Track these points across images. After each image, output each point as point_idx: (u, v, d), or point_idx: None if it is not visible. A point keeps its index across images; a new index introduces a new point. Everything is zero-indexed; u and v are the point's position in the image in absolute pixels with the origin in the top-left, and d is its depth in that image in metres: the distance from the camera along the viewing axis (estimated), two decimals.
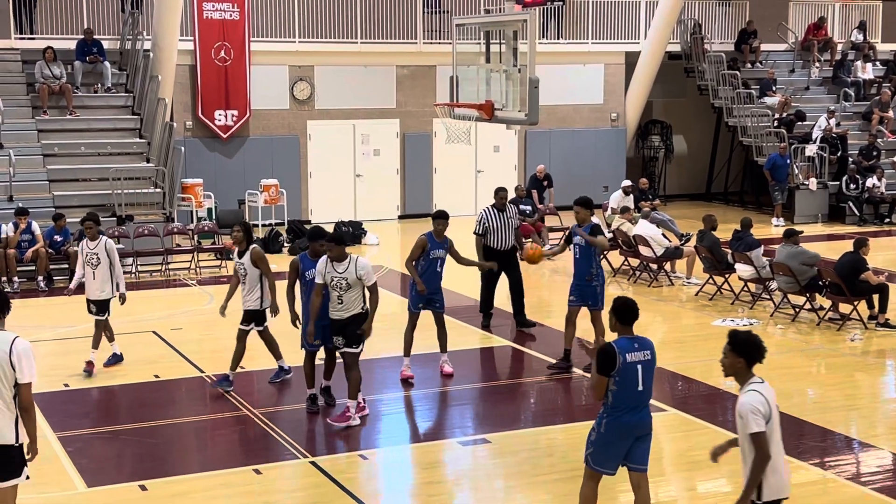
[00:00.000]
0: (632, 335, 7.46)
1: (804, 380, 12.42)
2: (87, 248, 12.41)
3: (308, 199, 24.28)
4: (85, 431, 10.44)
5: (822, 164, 24.52)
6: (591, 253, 11.95)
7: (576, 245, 12.02)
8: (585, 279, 12.02)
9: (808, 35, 28.29)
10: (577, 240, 11.98)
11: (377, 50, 24.45)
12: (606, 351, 7.30)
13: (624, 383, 7.31)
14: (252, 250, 11.46)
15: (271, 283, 11.53)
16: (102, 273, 12.26)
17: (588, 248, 11.92)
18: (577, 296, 12.12)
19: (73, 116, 20.78)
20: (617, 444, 7.48)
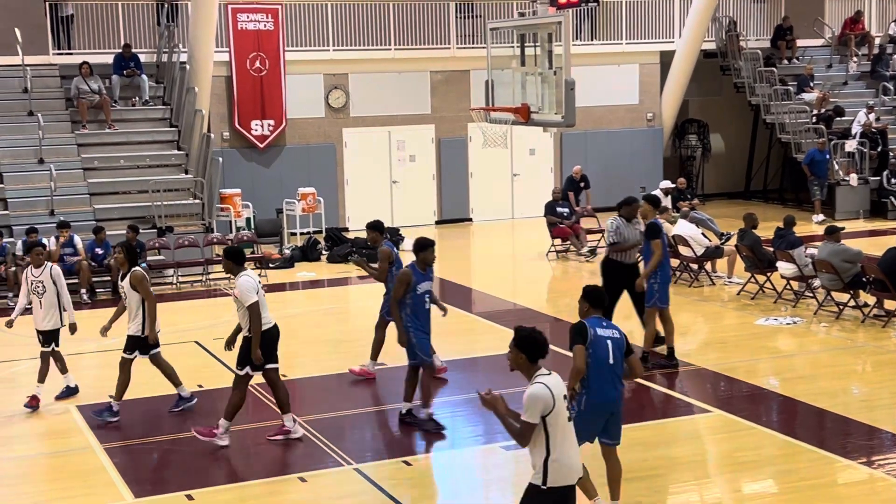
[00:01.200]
0: (601, 317, 8.22)
1: (849, 378, 12.29)
2: (31, 275, 11.71)
3: (345, 206, 24.35)
4: (131, 442, 10.52)
5: (862, 160, 24.27)
6: (647, 253, 12.27)
7: None
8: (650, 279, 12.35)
9: (845, 29, 28.00)
10: None
11: (411, 56, 24.50)
12: (578, 326, 8.09)
13: (596, 356, 7.99)
14: (132, 273, 10.87)
15: (150, 308, 10.93)
16: (48, 302, 11.60)
17: (647, 247, 12.25)
18: None
19: (111, 130, 20.98)
20: (595, 421, 8.14)
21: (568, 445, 6.51)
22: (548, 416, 6.41)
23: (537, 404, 6.40)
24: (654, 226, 12.37)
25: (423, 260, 10.54)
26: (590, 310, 8.16)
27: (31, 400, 11.69)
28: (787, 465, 9.42)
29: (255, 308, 9.91)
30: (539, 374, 6.54)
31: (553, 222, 20.38)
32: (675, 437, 10.22)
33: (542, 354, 6.56)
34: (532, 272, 19.70)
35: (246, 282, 10.01)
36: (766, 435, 10.17)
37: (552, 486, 6.46)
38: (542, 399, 6.40)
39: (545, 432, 6.43)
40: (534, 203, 23.58)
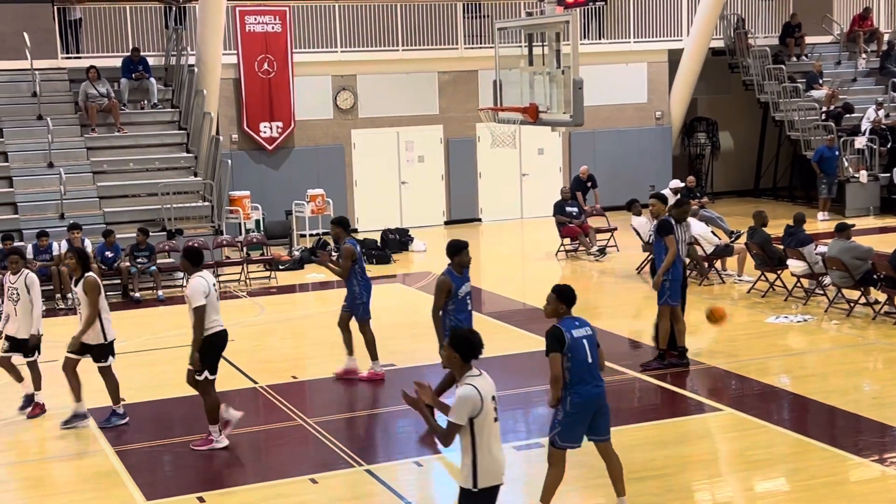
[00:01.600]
0: (573, 316, 8.25)
1: (861, 375, 12.25)
2: (8, 281, 11.43)
3: (354, 207, 24.38)
4: (142, 445, 10.54)
5: (871, 157, 24.20)
6: (659, 249, 12.26)
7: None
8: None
9: (854, 26, 27.93)
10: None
11: (419, 57, 24.50)
12: (555, 332, 8.07)
13: (576, 358, 8.06)
14: (84, 279, 10.64)
15: (89, 316, 10.64)
16: (23, 309, 11.29)
17: (659, 244, 12.23)
18: None
19: (120, 133, 21.04)
20: (582, 419, 8.21)
21: (495, 446, 6.61)
22: (476, 417, 6.47)
23: (466, 406, 6.45)
24: (667, 223, 12.30)
25: (459, 263, 10.41)
26: (562, 309, 8.18)
27: (35, 408, 11.57)
28: (798, 463, 9.40)
29: (200, 312, 9.95)
30: (469, 375, 6.60)
31: (562, 222, 20.37)
32: (686, 435, 10.20)
33: (474, 355, 6.63)
34: (542, 272, 19.69)
35: (197, 283, 10.05)
36: (778, 433, 10.15)
37: (482, 486, 6.55)
38: (471, 401, 6.45)
39: (472, 434, 6.49)
40: (543, 203, 23.56)
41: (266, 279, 18.97)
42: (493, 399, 6.57)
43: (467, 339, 6.63)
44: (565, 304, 8.18)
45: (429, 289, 17.93)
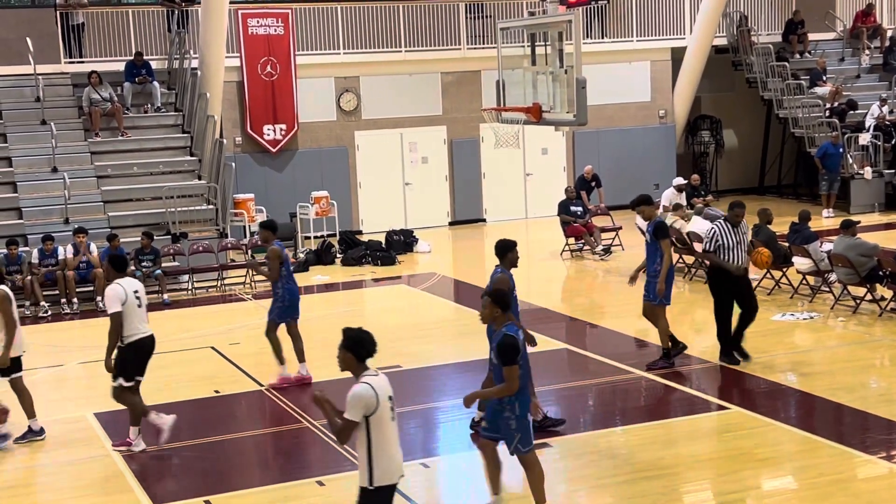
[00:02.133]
0: (513, 320, 8.20)
1: (868, 372, 12.22)
2: None
3: (359, 209, 24.38)
4: (149, 448, 10.53)
5: (876, 153, 24.16)
6: (656, 250, 12.17)
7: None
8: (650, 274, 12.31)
9: (857, 22, 27.88)
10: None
11: (421, 58, 24.50)
12: (513, 342, 7.92)
13: (525, 364, 8.16)
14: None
15: (8, 331, 10.21)
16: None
17: (654, 245, 12.17)
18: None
19: (124, 137, 21.05)
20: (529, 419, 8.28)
21: (391, 445, 6.66)
22: (371, 416, 6.51)
23: (360, 403, 6.48)
24: (664, 225, 12.36)
25: (511, 261, 10.30)
26: (497, 314, 8.06)
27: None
28: (806, 460, 9.38)
29: (114, 318, 9.96)
30: (366, 374, 6.62)
31: (567, 221, 20.35)
32: (693, 434, 10.18)
33: (369, 354, 6.65)
34: (547, 271, 19.68)
35: (112, 290, 10.04)
36: (785, 431, 10.13)
37: (378, 485, 6.64)
38: (366, 398, 6.48)
39: (368, 432, 6.53)
40: (547, 202, 23.54)
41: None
42: (389, 399, 6.64)
43: (360, 339, 6.65)
44: (501, 308, 8.05)
45: (434, 290, 17.95)
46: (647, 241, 12.35)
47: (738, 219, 12.37)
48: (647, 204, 12.44)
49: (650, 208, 12.47)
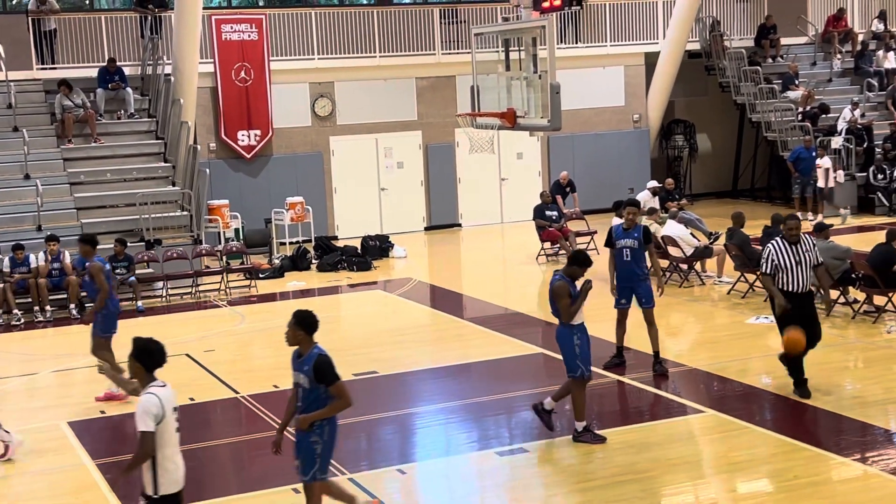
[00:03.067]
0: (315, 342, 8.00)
1: (841, 375, 12.30)
2: None
3: (334, 214, 24.33)
4: (123, 458, 10.43)
5: (848, 156, 24.33)
6: (642, 254, 12.23)
7: (625, 248, 12.22)
8: (639, 277, 12.24)
9: (828, 27, 28.10)
10: (626, 243, 12.19)
11: (396, 63, 24.49)
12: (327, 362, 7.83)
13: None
14: None
15: None
16: None
17: (640, 250, 12.18)
18: (628, 298, 12.35)
19: (97, 144, 20.92)
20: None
21: (175, 455, 6.85)
22: (157, 425, 6.68)
23: (149, 414, 6.65)
24: (648, 230, 12.48)
25: (572, 273, 10.33)
26: (300, 336, 7.84)
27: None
28: (781, 463, 9.42)
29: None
30: (153, 385, 6.78)
31: (542, 226, 20.39)
32: (668, 438, 10.21)
33: (157, 364, 6.81)
34: (522, 276, 19.70)
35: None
36: (760, 434, 10.18)
37: (164, 493, 6.78)
38: (153, 409, 6.65)
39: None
40: (522, 207, 23.57)
41: (246, 288, 18.90)
42: (174, 410, 6.81)
43: (148, 349, 6.80)
44: (306, 331, 7.80)
45: (410, 295, 17.93)
46: (633, 246, 12.19)
47: (793, 234, 11.08)
48: (637, 206, 12.64)
49: (638, 212, 12.58)
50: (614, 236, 12.38)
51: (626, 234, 12.25)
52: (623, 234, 12.27)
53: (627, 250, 12.20)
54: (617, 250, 12.31)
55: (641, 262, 12.29)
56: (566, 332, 10.20)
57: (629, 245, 12.19)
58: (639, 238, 12.19)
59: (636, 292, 12.28)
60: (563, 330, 10.23)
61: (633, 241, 12.17)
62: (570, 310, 10.10)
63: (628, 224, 12.30)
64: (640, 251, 12.22)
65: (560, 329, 10.28)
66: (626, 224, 12.32)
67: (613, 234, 12.41)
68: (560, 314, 10.21)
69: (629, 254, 12.21)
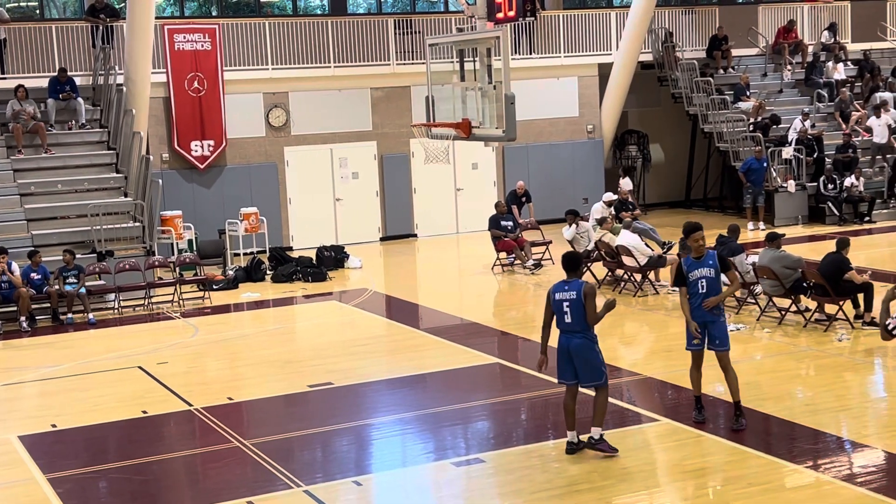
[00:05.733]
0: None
1: (793, 382, 12.42)
2: None
3: (289, 225, 24.23)
4: (75, 472, 10.32)
5: (799, 166, 24.64)
6: (719, 285, 10.60)
7: (701, 279, 10.53)
8: (714, 313, 10.60)
9: (779, 38, 28.46)
10: (701, 272, 10.51)
11: (351, 73, 24.46)
12: None
13: None
14: None
15: None
16: None
17: (717, 279, 10.53)
18: (702, 338, 10.68)
19: (48, 154, 20.67)
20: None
21: None
22: None
23: None
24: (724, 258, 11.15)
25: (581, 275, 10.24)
26: None
27: None
28: (734, 471, 9.49)
29: None
30: None
31: (498, 236, 20.44)
32: (623, 446, 10.24)
33: None
34: (478, 286, 19.72)
35: None
36: (714, 442, 10.25)
37: None
38: None
39: None
40: (478, 217, 23.62)
41: (200, 299, 18.75)
42: None
43: None
44: None
45: (365, 306, 17.89)
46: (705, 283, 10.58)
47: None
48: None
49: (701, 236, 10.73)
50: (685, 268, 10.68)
51: (698, 263, 10.60)
52: (695, 264, 10.61)
53: (703, 281, 10.55)
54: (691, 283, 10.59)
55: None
56: (588, 342, 9.87)
57: (704, 276, 10.54)
58: (714, 266, 10.57)
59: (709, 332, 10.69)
60: (584, 341, 9.84)
61: (710, 270, 10.52)
62: (597, 314, 9.83)
63: (698, 252, 10.61)
64: (717, 282, 10.55)
65: (580, 341, 9.84)
66: (696, 253, 10.62)
67: (684, 267, 10.70)
68: (586, 321, 9.83)
69: (705, 285, 10.54)
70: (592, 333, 9.93)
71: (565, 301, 9.84)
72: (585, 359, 9.89)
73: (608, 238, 18.05)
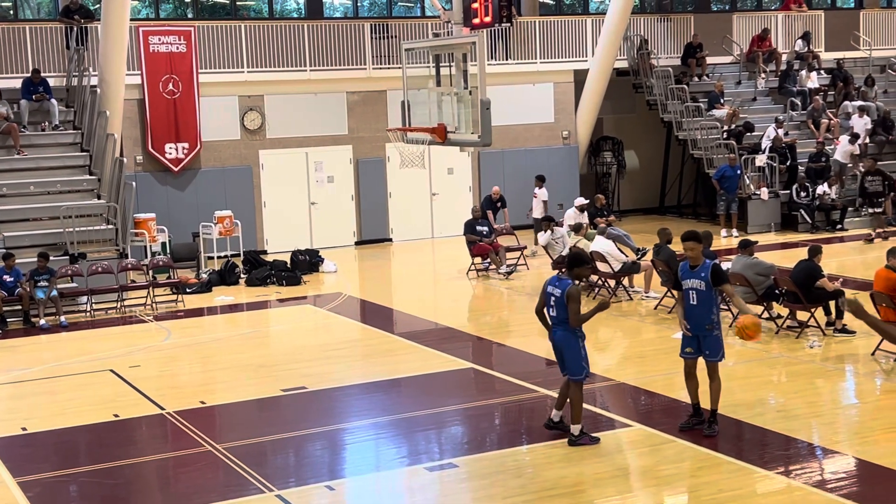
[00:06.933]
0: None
1: (765, 388, 12.49)
2: None
3: (263, 229, 24.16)
4: (45, 475, 10.24)
5: (772, 174, 24.79)
6: (712, 298, 10.29)
7: (691, 290, 10.34)
8: (706, 328, 10.35)
9: (753, 47, 28.65)
10: (692, 283, 10.32)
11: (327, 77, 24.43)
12: None
13: None
14: None
15: None
16: None
17: (709, 292, 10.26)
18: (695, 347, 10.47)
19: (21, 156, 20.53)
20: None
21: None
22: None
23: None
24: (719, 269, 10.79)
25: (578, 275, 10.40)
26: None
27: None
28: (706, 477, 9.53)
29: None
30: None
31: (473, 240, 20.47)
32: (596, 452, 10.27)
33: None
34: (453, 291, 19.73)
35: None
36: (686, 447, 10.28)
37: None
38: None
39: None
40: (453, 222, 23.65)
41: (173, 303, 18.66)
42: None
43: None
44: None
45: (339, 310, 17.86)
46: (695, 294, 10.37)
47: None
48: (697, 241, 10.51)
49: (699, 247, 10.50)
50: (680, 275, 10.54)
51: (691, 273, 10.37)
52: (688, 272, 10.40)
53: (693, 292, 10.35)
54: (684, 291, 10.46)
55: (712, 306, 10.35)
56: (570, 335, 10.21)
57: (694, 287, 10.33)
58: (706, 279, 10.27)
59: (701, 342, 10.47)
60: (565, 334, 10.21)
61: (700, 283, 10.28)
62: (580, 316, 10.11)
63: (692, 262, 10.37)
64: (710, 294, 10.27)
65: (562, 333, 10.22)
66: (691, 262, 10.38)
67: (679, 273, 10.56)
68: (568, 318, 10.08)
69: (695, 296, 10.34)
70: (577, 329, 10.22)
71: (553, 296, 10.24)
72: (565, 351, 10.29)
73: (582, 244, 18.09)
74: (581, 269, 10.47)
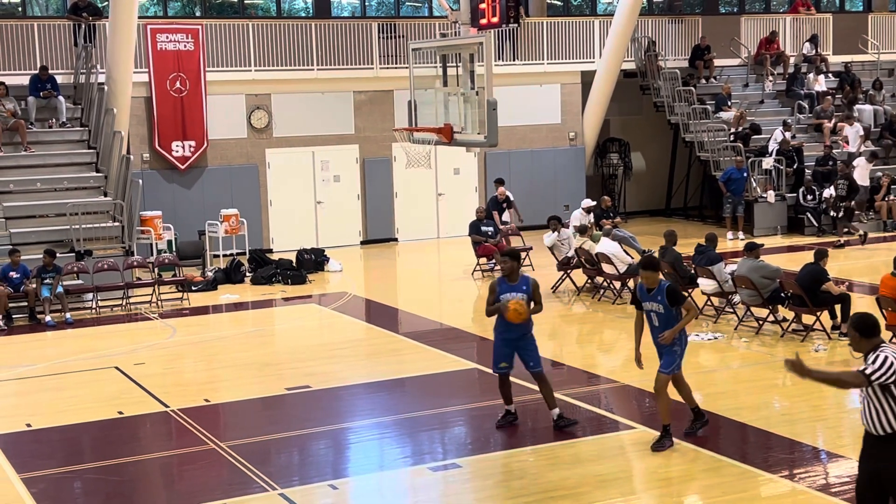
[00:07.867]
0: None
1: (770, 392, 12.47)
2: None
3: (269, 227, 24.17)
4: (49, 472, 10.27)
5: (779, 177, 24.76)
6: (671, 317, 10.12)
7: (651, 312, 10.23)
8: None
9: (761, 49, 28.61)
10: (651, 306, 10.19)
11: (334, 76, 24.44)
12: None
13: None
14: None
15: None
16: None
17: (669, 313, 10.10)
18: None
19: (28, 152, 20.57)
20: None
21: None
22: None
23: None
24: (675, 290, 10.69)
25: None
26: None
27: None
28: (710, 479, 9.52)
29: None
30: None
31: (478, 241, 20.46)
32: (600, 453, 10.27)
33: None
34: (458, 291, 19.73)
35: None
36: (690, 450, 10.27)
37: None
38: None
39: None
40: (459, 222, 23.64)
41: (178, 300, 18.68)
42: None
43: None
44: None
45: (345, 309, 17.87)
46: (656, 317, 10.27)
47: None
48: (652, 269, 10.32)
49: (654, 275, 10.28)
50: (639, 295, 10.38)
51: (648, 295, 10.22)
52: (645, 295, 10.25)
53: (652, 314, 10.24)
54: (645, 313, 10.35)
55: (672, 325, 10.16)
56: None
57: (651, 310, 10.22)
58: (663, 301, 10.12)
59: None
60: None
61: (658, 306, 10.14)
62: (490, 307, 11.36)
63: (649, 284, 10.22)
64: (669, 314, 10.13)
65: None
66: (648, 284, 10.23)
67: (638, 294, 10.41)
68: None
69: (657, 318, 10.21)
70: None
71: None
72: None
73: (588, 245, 18.09)
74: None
